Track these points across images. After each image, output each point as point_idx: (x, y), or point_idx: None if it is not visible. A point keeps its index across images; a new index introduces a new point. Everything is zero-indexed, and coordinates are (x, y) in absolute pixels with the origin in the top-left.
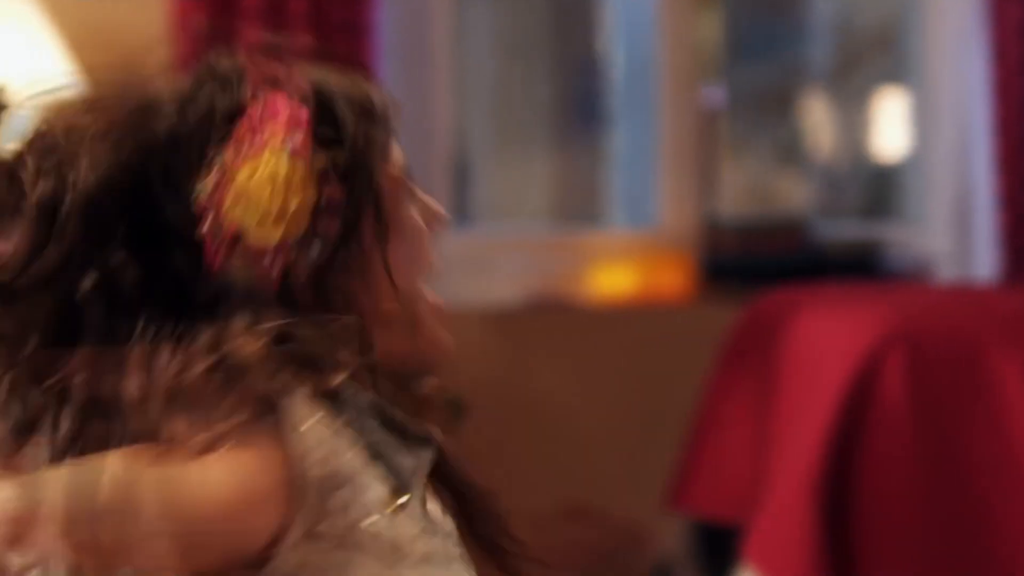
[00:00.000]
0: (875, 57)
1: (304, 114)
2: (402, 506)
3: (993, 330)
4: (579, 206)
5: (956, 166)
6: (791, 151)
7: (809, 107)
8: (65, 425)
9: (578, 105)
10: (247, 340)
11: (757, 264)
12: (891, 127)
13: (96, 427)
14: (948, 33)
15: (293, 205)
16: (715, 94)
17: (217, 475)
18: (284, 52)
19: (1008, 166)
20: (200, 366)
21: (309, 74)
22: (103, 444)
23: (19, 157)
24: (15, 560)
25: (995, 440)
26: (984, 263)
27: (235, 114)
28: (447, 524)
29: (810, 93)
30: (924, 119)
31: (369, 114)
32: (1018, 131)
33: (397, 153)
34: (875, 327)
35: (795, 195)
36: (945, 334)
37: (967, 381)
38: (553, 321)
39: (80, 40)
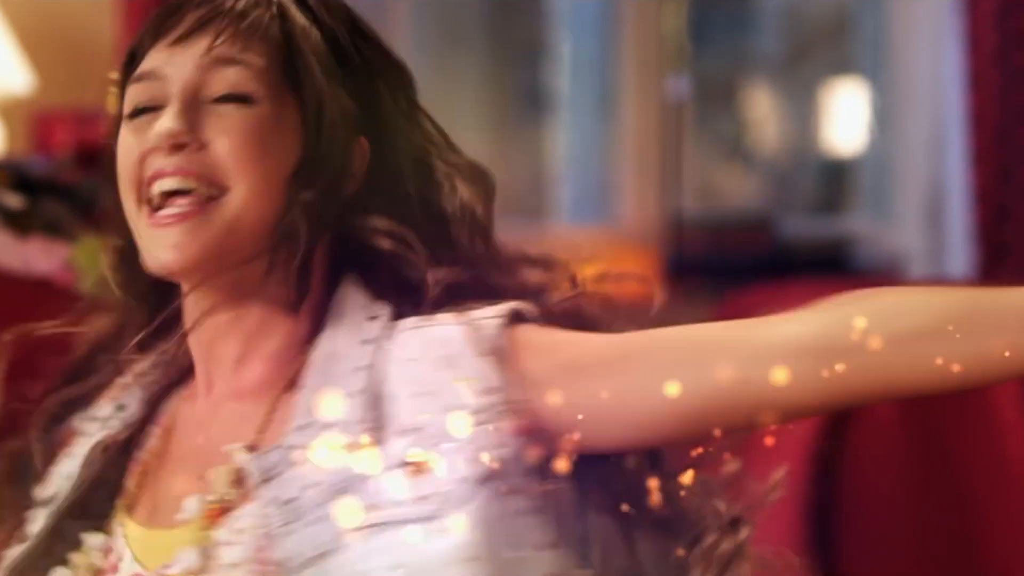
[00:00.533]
0: (831, 47)
1: None
2: None
3: None
4: (528, 201)
5: (928, 159)
6: (741, 145)
7: (760, 99)
8: None
9: (525, 96)
10: None
11: (723, 261)
12: (851, 119)
13: None
14: (919, 21)
15: None
16: (679, 85)
17: None
18: None
19: (983, 159)
20: None
21: None
22: None
23: None
24: None
25: (986, 443)
26: (958, 260)
27: None
28: None
29: (761, 84)
30: (893, 110)
31: None
32: (994, 123)
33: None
34: None
35: (747, 190)
36: None
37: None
38: None
39: (27, 23)
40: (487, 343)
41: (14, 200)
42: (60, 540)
